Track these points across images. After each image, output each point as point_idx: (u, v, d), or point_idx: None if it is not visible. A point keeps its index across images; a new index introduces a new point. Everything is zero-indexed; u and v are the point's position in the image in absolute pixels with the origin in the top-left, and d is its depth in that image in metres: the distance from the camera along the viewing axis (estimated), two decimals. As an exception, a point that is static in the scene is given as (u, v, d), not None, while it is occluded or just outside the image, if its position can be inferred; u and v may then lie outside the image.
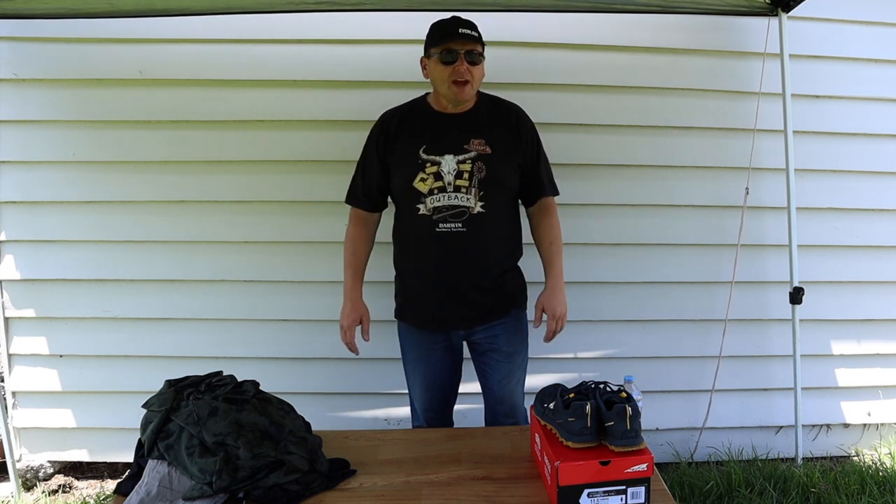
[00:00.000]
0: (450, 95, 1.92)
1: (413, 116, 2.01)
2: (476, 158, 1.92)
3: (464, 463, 1.67)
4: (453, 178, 1.90)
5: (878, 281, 2.78)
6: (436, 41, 1.90)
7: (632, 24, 2.57)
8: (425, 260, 1.99)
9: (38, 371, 2.69)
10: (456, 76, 1.87)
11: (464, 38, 1.86)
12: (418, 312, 2.07)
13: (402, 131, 1.99)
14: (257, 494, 1.47)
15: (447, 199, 1.91)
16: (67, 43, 2.51)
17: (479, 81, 1.94)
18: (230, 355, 2.68)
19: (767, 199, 2.68)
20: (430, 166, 1.91)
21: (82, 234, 2.61)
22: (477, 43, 1.89)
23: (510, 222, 2.04)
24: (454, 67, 1.87)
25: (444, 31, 1.89)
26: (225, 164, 2.60)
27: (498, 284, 2.01)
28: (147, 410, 1.60)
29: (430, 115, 1.99)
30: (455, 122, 1.97)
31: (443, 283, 1.97)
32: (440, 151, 1.92)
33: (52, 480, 2.74)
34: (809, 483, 2.54)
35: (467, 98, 1.93)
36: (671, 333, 2.77)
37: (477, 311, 2.01)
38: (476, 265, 1.96)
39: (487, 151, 1.93)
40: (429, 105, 2.01)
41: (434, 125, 1.97)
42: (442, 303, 1.99)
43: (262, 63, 2.53)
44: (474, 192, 1.91)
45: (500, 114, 2.02)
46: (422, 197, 1.92)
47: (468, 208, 1.91)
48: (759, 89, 2.60)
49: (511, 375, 2.10)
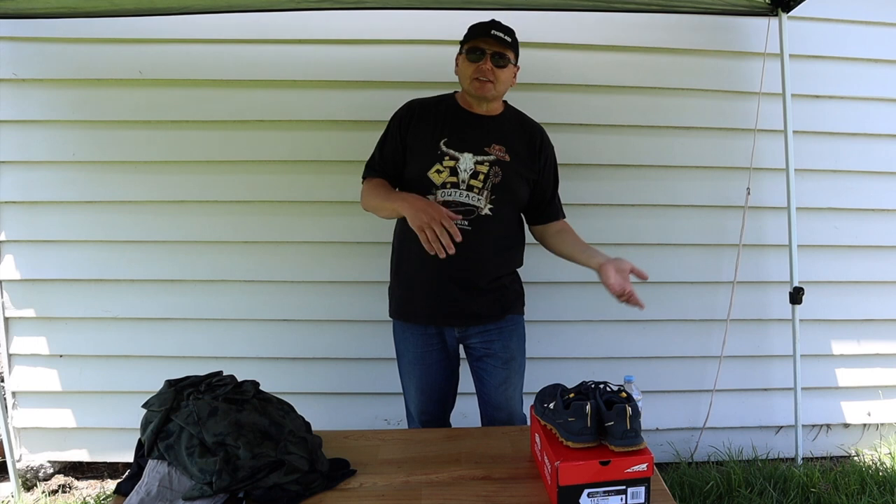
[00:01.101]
0: (471, 90, 1.92)
1: (440, 108, 2.00)
2: (494, 163, 1.92)
3: (463, 463, 1.66)
4: (468, 177, 1.90)
5: (878, 281, 2.78)
6: (467, 38, 1.93)
7: (632, 24, 2.57)
8: (425, 253, 1.93)
9: (38, 371, 2.69)
10: (478, 73, 1.88)
11: (494, 39, 1.87)
12: (410, 303, 2.04)
13: (426, 119, 1.98)
14: (257, 494, 1.47)
15: (458, 195, 1.90)
16: (67, 43, 2.51)
17: (504, 85, 1.94)
18: (230, 355, 2.68)
19: (767, 199, 2.69)
20: (447, 160, 1.90)
21: (82, 234, 2.62)
22: (507, 48, 1.90)
23: (514, 232, 2.04)
24: (478, 65, 1.88)
25: (477, 30, 1.91)
26: (225, 164, 2.61)
27: (493, 286, 2.00)
28: (147, 410, 1.60)
29: (457, 111, 1.99)
30: (480, 123, 1.97)
31: (439, 276, 1.95)
32: (461, 148, 1.92)
33: (52, 480, 2.75)
34: (809, 483, 2.54)
35: (488, 96, 1.92)
36: (671, 333, 2.77)
37: (471, 309, 1.99)
38: (475, 265, 1.95)
39: (506, 159, 1.93)
40: (456, 101, 2.02)
41: (459, 121, 1.97)
42: (435, 294, 1.97)
43: (262, 63, 2.54)
44: (486, 194, 1.90)
45: (524, 130, 2.03)
46: (433, 188, 1.90)
47: (477, 208, 1.90)
48: (760, 89, 2.60)
49: (508, 382, 2.08)
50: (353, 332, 2.71)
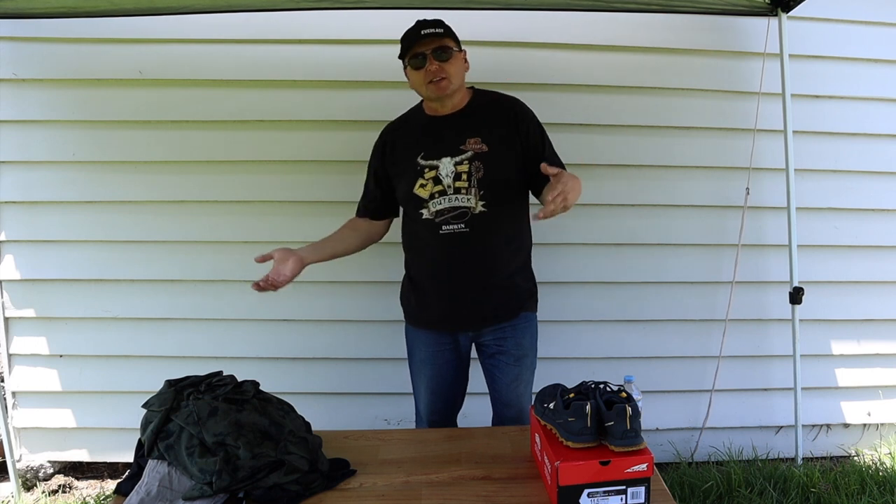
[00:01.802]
0: (430, 95, 1.91)
1: (409, 125, 2.02)
2: (473, 158, 1.90)
3: (464, 463, 1.66)
4: (452, 181, 1.90)
5: (878, 281, 2.78)
6: (403, 50, 1.91)
7: (632, 24, 2.57)
8: (432, 262, 1.99)
9: (38, 371, 2.69)
10: (429, 77, 1.87)
11: (427, 37, 1.86)
12: (427, 314, 2.05)
13: (399, 141, 2.00)
14: (257, 494, 1.47)
15: (448, 201, 1.90)
16: (67, 43, 2.51)
17: (458, 75, 1.91)
18: (230, 355, 2.68)
19: (767, 199, 2.68)
20: (428, 171, 1.91)
21: (82, 234, 2.62)
22: (443, 38, 1.87)
23: (516, 220, 2.02)
24: (425, 69, 1.86)
25: (407, 39, 1.90)
26: (225, 164, 2.60)
27: (506, 284, 2.00)
28: (147, 410, 1.60)
29: (425, 121, 1.99)
30: (449, 124, 1.96)
31: (450, 285, 1.96)
32: (437, 155, 1.92)
33: (52, 480, 2.75)
34: (809, 483, 2.54)
35: (448, 93, 1.90)
36: (671, 333, 2.77)
37: (484, 311, 1.99)
38: (482, 265, 1.94)
39: (484, 150, 1.91)
40: (423, 111, 2.01)
41: (429, 130, 1.97)
42: (450, 304, 1.98)
43: (262, 63, 2.53)
44: (474, 192, 1.89)
45: (496, 109, 1.99)
46: (424, 202, 1.92)
47: (469, 209, 1.90)
48: (760, 89, 2.60)
49: (520, 379, 2.08)
50: (353, 332, 2.71)
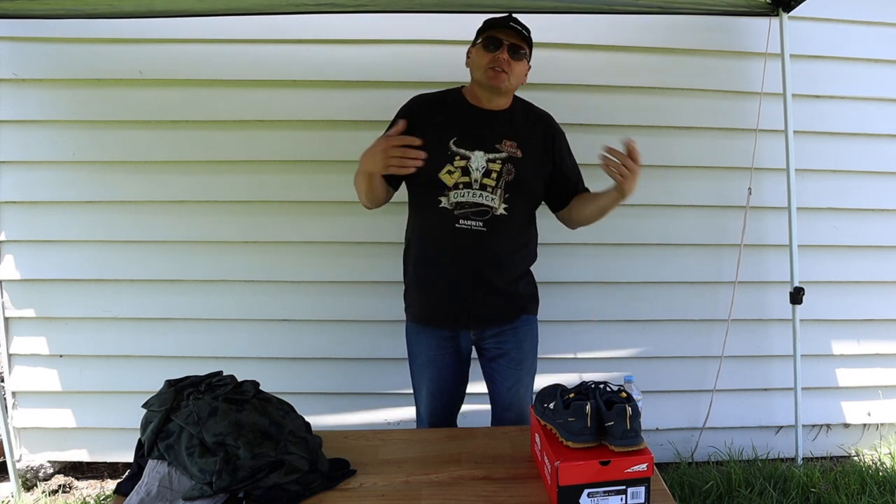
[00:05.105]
0: (484, 80, 1.87)
1: (446, 105, 1.95)
2: (507, 160, 1.88)
3: (464, 463, 1.66)
4: (481, 176, 1.86)
5: (878, 281, 2.78)
6: (484, 29, 1.90)
7: (632, 25, 2.57)
8: (441, 254, 1.93)
9: (38, 371, 2.69)
10: (494, 63, 1.84)
11: (512, 30, 1.85)
12: (428, 307, 2.01)
13: (433, 117, 1.92)
14: (257, 494, 1.47)
15: (472, 195, 1.86)
16: (67, 43, 2.51)
17: (517, 78, 1.91)
18: (230, 355, 2.68)
19: (768, 199, 2.69)
20: (458, 160, 1.86)
21: (82, 234, 2.62)
22: (524, 41, 1.87)
23: (529, 228, 2.02)
24: (495, 55, 1.84)
25: (494, 21, 1.88)
26: (225, 164, 2.60)
27: (511, 289, 1.98)
28: (147, 410, 1.60)
29: (465, 108, 1.94)
30: (489, 119, 1.92)
31: (456, 280, 1.93)
32: (471, 146, 1.87)
33: (52, 480, 2.75)
34: (809, 483, 2.54)
35: (501, 87, 1.88)
36: (671, 333, 2.77)
37: (487, 311, 1.97)
38: (491, 266, 1.92)
39: (518, 155, 1.89)
40: (464, 97, 1.96)
41: (467, 118, 1.92)
42: (453, 298, 1.95)
43: (262, 63, 2.53)
44: (500, 192, 1.87)
45: (534, 121, 1.99)
46: (445, 189, 1.86)
47: (492, 208, 1.87)
48: (761, 89, 2.60)
49: (520, 382, 2.07)
50: (354, 331, 2.71)
